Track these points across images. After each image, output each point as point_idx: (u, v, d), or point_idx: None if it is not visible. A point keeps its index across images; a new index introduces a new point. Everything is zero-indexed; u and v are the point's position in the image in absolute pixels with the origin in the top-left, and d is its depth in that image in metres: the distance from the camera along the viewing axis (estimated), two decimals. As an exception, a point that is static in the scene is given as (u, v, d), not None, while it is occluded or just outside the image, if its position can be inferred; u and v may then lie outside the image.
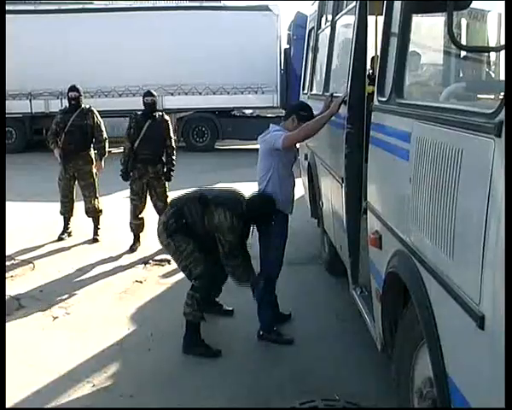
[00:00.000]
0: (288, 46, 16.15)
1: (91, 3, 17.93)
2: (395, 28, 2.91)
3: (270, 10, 15.83)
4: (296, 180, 4.89)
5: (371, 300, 3.63)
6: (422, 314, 2.39)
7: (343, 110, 4.29)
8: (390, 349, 3.20)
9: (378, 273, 3.25)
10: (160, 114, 7.14)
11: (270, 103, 16.16)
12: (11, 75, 15.51)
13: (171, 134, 7.07)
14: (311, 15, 7.14)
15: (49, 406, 3.72)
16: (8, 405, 3.68)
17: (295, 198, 4.85)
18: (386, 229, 3.01)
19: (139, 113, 7.12)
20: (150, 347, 4.60)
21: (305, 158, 6.84)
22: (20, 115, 16.36)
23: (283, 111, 16.04)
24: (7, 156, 16.01)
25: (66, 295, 5.66)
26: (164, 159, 7.05)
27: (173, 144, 7.06)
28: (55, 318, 5.15)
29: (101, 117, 7.79)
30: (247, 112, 17.61)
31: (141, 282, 6.12)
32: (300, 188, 7.55)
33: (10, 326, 4.89)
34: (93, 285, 6.01)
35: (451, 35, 1.86)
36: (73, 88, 7.58)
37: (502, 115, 1.73)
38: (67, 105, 7.62)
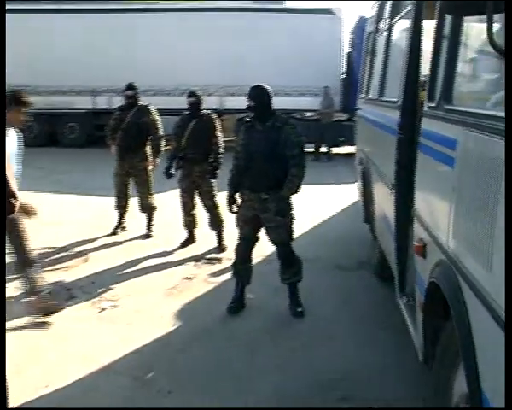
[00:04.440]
0: (351, 50, 16.04)
1: (156, 3, 18.20)
2: (445, 32, 2.83)
3: (333, 13, 15.76)
4: (352, 185, 4.85)
5: (415, 309, 3.54)
6: (459, 328, 2.31)
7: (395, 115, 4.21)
8: (431, 361, 3.11)
9: (422, 282, 3.16)
10: (207, 113, 7.17)
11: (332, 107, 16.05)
12: (76, 72, 16.03)
13: (218, 133, 7.05)
14: (370, 19, 7.05)
15: (84, 397, 3.77)
16: (47, 391, 3.78)
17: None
18: (430, 237, 2.93)
19: (186, 112, 7.19)
20: (193, 344, 4.62)
21: (360, 163, 6.76)
22: (83, 111, 16.80)
23: (344, 114, 15.98)
24: (69, 150, 16.67)
25: (115, 289, 5.77)
26: (211, 158, 7.05)
27: (220, 143, 7.04)
28: (102, 309, 5.25)
29: (163, 115, 7.89)
30: (308, 115, 17.53)
31: (190, 279, 6.17)
32: (355, 193, 7.49)
33: (59, 316, 5.02)
34: (142, 280, 6.09)
35: (491, 38, 1.79)
36: (130, 86, 7.71)
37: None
38: (124, 102, 7.76)
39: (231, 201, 5.22)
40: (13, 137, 4.70)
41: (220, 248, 7.11)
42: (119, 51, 16.16)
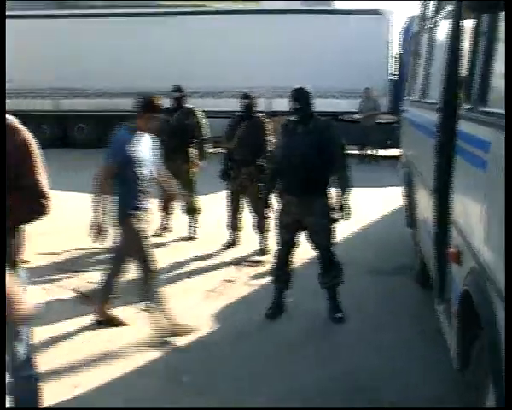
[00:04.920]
0: (400, 51, 15.82)
1: (204, 6, 18.40)
2: (482, 31, 2.74)
3: (381, 14, 15.57)
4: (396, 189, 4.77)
5: (451, 317, 3.45)
6: (488, 338, 2.23)
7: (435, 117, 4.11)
8: (465, 370, 3.02)
9: (457, 290, 3.08)
10: (258, 115, 7.16)
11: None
12: (126, 74, 16.33)
13: (268, 137, 7.04)
14: (415, 19, 6.93)
15: (117, 396, 3.81)
16: (81, 390, 3.83)
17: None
18: (465, 244, 2.85)
19: (237, 114, 7.21)
20: (230, 346, 4.62)
21: (403, 166, 6.65)
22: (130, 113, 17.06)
23: (392, 117, 15.74)
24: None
25: (156, 290, 5.79)
26: (260, 161, 7.05)
27: (269, 147, 7.03)
28: (141, 310, 5.29)
29: (212, 117, 7.93)
30: (356, 116, 17.35)
31: (230, 281, 6.18)
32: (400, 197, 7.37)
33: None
34: (183, 282, 6.13)
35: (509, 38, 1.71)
36: (177, 88, 7.79)
37: None
38: (171, 104, 7.83)
39: (266, 204, 5.23)
40: (146, 142, 4.78)
41: (263, 250, 7.09)
42: (170, 54, 16.36)
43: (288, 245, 5.20)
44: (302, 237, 5.22)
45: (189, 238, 7.74)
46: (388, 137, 15.11)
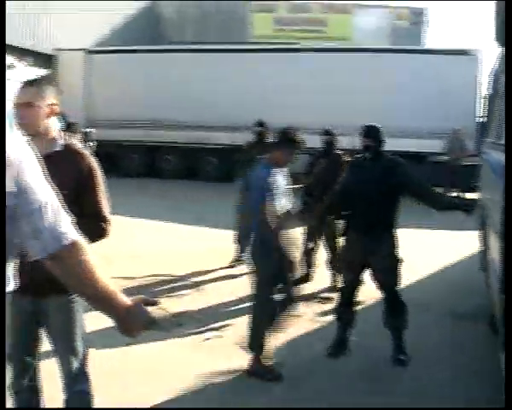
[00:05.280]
0: (489, 92, 15.44)
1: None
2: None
3: (470, 54, 15.30)
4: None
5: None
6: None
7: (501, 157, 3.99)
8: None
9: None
10: (338, 153, 7.18)
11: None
12: (215, 108, 16.85)
13: None
14: (497, 59, 6.79)
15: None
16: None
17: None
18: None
19: (318, 150, 7.27)
20: (290, 382, 4.61)
21: (480, 208, 6.48)
22: (222, 146, 17.55)
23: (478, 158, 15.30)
24: (207, 184, 17.33)
25: (222, 319, 5.92)
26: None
27: None
28: (206, 339, 5.40)
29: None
30: (442, 158, 16.99)
31: (297, 316, 6.16)
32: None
33: (164, 341, 5.22)
34: (250, 314, 6.17)
35: None
36: (260, 123, 7.94)
37: None
38: (254, 139, 7.99)
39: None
40: (283, 176, 4.84)
41: (334, 287, 7.05)
42: (256, 90, 16.75)
43: (352, 284, 5.16)
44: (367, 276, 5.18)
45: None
46: (473, 179, 14.68)
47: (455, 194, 15.35)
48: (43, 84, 2.98)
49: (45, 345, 3.19)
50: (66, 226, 1.89)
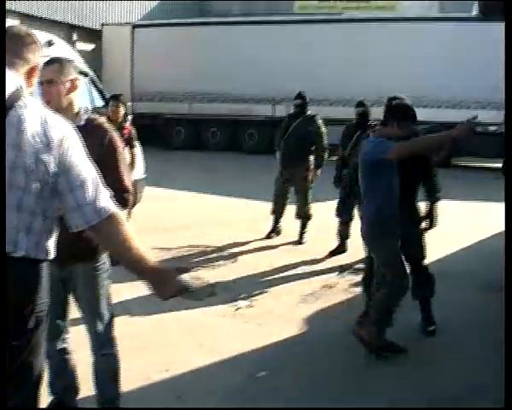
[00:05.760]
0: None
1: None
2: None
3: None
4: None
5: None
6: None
7: None
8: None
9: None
10: (374, 124, 7.13)
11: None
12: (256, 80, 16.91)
13: None
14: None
15: (197, 386, 4.01)
16: (166, 375, 4.06)
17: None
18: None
19: (352, 122, 7.25)
20: (315, 349, 4.67)
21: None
22: (263, 118, 17.56)
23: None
24: (250, 156, 17.36)
25: (255, 290, 6.00)
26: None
27: None
28: (238, 308, 5.50)
29: (338, 125, 7.96)
30: (491, 129, 16.56)
31: (330, 287, 6.23)
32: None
33: (197, 309, 5.33)
34: (283, 284, 6.26)
35: None
36: (300, 95, 7.94)
37: None
38: (294, 111, 8.00)
39: None
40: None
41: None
42: (298, 62, 16.67)
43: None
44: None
45: (298, 243, 7.85)
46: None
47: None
48: (64, 61, 3.08)
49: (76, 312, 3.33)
50: (105, 200, 2.13)
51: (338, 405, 3.82)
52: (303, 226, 7.95)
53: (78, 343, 3.45)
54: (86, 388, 3.44)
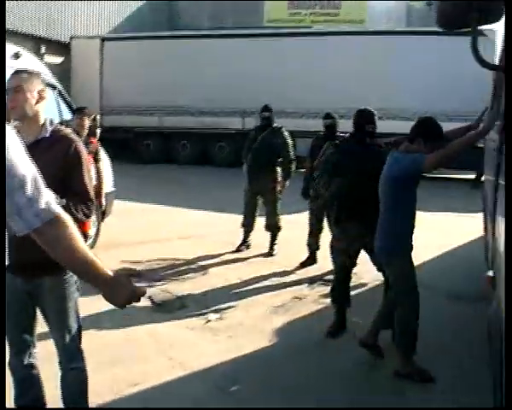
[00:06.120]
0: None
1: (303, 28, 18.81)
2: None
3: (484, 35, 15.11)
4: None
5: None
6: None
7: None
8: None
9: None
10: (341, 136, 7.20)
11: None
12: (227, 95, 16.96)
13: None
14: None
15: (166, 400, 3.98)
16: (134, 390, 4.04)
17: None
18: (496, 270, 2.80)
19: (320, 134, 7.30)
20: (285, 362, 4.68)
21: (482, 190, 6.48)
22: (233, 131, 17.62)
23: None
24: (220, 169, 17.41)
25: (225, 302, 5.98)
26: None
27: None
28: (208, 321, 5.48)
29: (304, 137, 8.04)
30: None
31: (300, 298, 6.25)
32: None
33: (167, 322, 5.35)
34: (253, 296, 6.26)
35: (475, 52, 1.72)
36: (266, 108, 7.97)
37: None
38: (259, 123, 8.05)
39: None
40: None
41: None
42: (268, 75, 16.78)
43: (349, 270, 5.24)
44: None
45: (269, 255, 7.86)
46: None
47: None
48: (32, 72, 3.08)
49: (43, 326, 3.29)
50: (48, 202, 1.94)
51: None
52: (273, 238, 7.98)
53: (45, 357, 3.40)
54: (54, 403, 3.39)
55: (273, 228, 7.95)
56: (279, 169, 7.88)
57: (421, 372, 4.40)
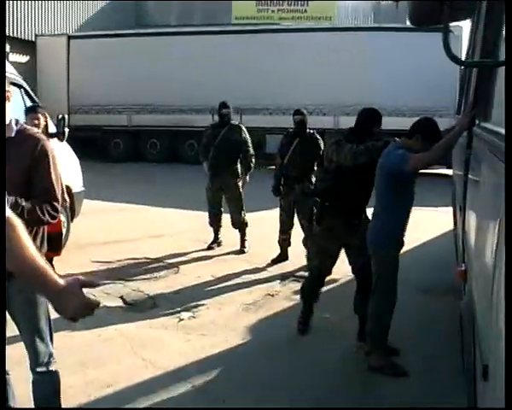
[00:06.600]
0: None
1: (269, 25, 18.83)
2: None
3: (451, 32, 15.31)
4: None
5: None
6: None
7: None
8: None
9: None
10: (312, 132, 7.23)
11: (448, 127, 15.56)
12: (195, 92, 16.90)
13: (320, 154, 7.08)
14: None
15: (140, 400, 3.95)
16: (109, 391, 4.00)
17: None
18: (469, 263, 2.83)
19: (291, 130, 7.32)
20: (257, 359, 4.69)
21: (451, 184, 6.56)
22: (203, 129, 17.52)
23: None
24: (191, 166, 17.30)
25: (197, 301, 5.96)
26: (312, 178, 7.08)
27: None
28: (180, 320, 5.46)
29: (277, 134, 8.05)
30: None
31: (272, 295, 6.25)
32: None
33: (138, 322, 5.31)
34: (225, 294, 6.24)
35: (447, 49, 1.74)
36: (225, 105, 7.97)
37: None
38: (218, 120, 8.03)
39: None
40: None
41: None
42: (236, 72, 16.75)
43: (325, 271, 5.19)
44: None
45: (241, 252, 7.85)
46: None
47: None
48: None
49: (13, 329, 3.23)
50: None
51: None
52: (242, 235, 7.95)
53: (15, 361, 3.34)
54: (24, 406, 3.34)
55: (239, 225, 7.93)
56: (239, 165, 7.90)
57: (393, 367, 4.44)
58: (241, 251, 7.86)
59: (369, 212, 4.73)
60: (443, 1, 1.95)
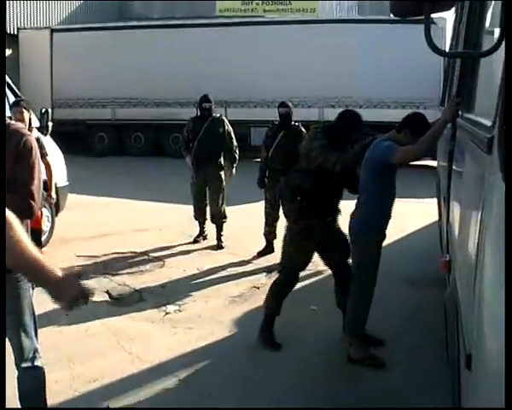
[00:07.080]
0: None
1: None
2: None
3: (434, 23, 15.34)
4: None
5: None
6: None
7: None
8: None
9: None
10: (297, 125, 7.23)
11: (433, 118, 15.59)
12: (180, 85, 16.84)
13: None
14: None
15: (127, 394, 3.95)
16: (95, 385, 3.99)
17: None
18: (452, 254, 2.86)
19: (276, 123, 7.31)
20: (243, 351, 4.70)
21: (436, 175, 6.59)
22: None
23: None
24: (175, 160, 17.25)
25: (183, 294, 5.96)
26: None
27: None
28: (166, 313, 5.46)
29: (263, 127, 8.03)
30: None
31: (258, 288, 6.26)
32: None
33: (125, 316, 5.30)
34: (211, 287, 6.25)
35: (429, 40, 1.75)
36: (206, 98, 7.93)
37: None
38: (199, 114, 7.99)
39: None
40: None
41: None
42: (219, 65, 16.68)
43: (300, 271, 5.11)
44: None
45: (218, 247, 7.75)
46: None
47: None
48: None
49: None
50: None
51: (271, 405, 3.86)
52: (219, 229, 7.84)
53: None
54: (11, 403, 3.32)
55: (217, 219, 7.86)
56: (222, 158, 7.88)
57: (372, 358, 4.47)
58: (219, 246, 7.74)
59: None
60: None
